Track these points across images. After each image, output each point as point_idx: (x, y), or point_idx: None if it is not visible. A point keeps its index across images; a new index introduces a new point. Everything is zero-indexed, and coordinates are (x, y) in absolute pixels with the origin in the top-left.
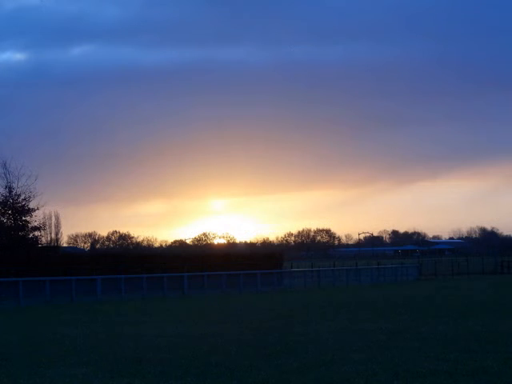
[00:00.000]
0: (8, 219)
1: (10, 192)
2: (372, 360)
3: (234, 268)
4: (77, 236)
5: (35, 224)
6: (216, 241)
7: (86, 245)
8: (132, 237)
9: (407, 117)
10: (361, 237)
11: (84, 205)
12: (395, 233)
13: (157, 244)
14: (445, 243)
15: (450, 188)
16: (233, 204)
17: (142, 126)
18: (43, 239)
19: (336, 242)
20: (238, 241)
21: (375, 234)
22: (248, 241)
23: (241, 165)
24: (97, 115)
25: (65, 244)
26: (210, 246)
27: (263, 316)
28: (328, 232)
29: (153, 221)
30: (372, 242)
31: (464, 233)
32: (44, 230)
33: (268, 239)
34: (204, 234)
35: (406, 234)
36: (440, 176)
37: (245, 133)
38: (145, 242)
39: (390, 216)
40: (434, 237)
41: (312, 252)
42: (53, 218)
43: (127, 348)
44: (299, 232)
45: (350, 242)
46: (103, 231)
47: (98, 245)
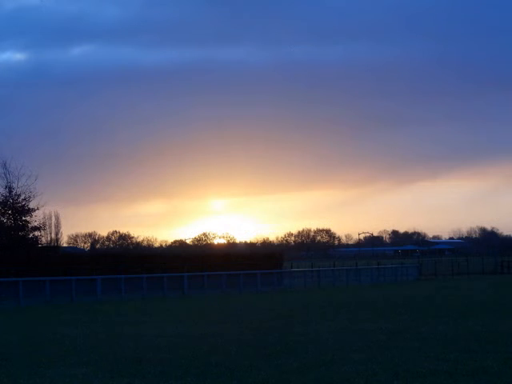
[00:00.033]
0: (8, 219)
1: (10, 192)
2: (372, 360)
3: (234, 268)
4: (77, 236)
5: (35, 224)
6: (216, 241)
7: (86, 245)
8: (132, 237)
9: (407, 117)
10: (361, 237)
11: (84, 205)
12: (395, 233)
13: (157, 244)
14: (445, 243)
15: (450, 188)
16: (233, 204)
17: (142, 126)
18: (43, 239)
19: (336, 242)
20: (238, 241)
21: (375, 234)
22: (248, 241)
23: (241, 165)
24: (97, 115)
25: (65, 244)
26: (210, 246)
27: (263, 316)
28: (328, 232)
29: (153, 221)
30: (372, 242)
31: (464, 233)
32: (44, 230)
33: (268, 239)
34: (204, 234)
35: (406, 234)
36: (440, 176)
37: (245, 133)
38: (145, 242)
39: (390, 216)
40: (434, 237)
41: (312, 252)
42: (53, 218)
43: (127, 348)
44: (299, 232)
45: (350, 242)
46: (103, 231)
47: (98, 245)
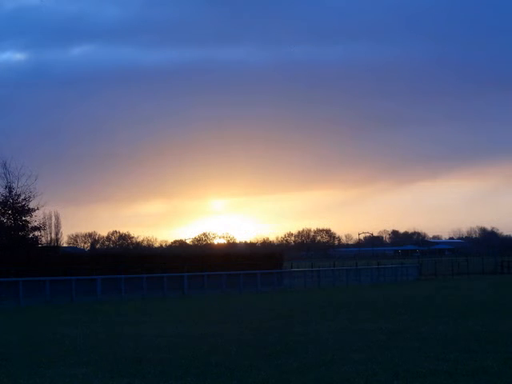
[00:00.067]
0: (8, 219)
1: (10, 192)
2: (372, 360)
3: (234, 268)
4: (77, 236)
5: (35, 224)
6: (216, 241)
7: (86, 245)
8: (132, 237)
9: (407, 117)
10: (361, 237)
11: (84, 205)
12: (395, 233)
13: (157, 244)
14: (445, 243)
15: (450, 188)
16: (233, 204)
17: (142, 126)
18: (43, 239)
19: (336, 242)
20: (238, 241)
21: (375, 234)
22: (248, 241)
23: (241, 165)
24: (97, 115)
25: (65, 244)
26: (210, 246)
27: (263, 316)
28: (328, 232)
29: (153, 221)
30: (372, 242)
31: (464, 233)
32: (44, 230)
33: (268, 239)
34: (204, 234)
35: (406, 234)
36: (440, 176)
37: (245, 133)
38: (145, 242)
39: (390, 216)
40: (434, 237)
41: (312, 252)
42: (53, 218)
43: (127, 348)
44: (299, 232)
45: (350, 242)
46: (103, 231)
47: (98, 245)
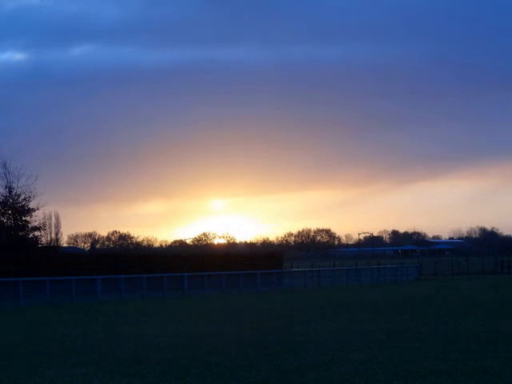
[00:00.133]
0: (8, 219)
1: (10, 192)
2: (372, 360)
3: (234, 268)
4: (77, 236)
5: (35, 224)
6: (216, 241)
7: (86, 245)
8: (132, 237)
9: (407, 117)
10: (361, 237)
11: (84, 205)
12: (395, 233)
13: (157, 244)
14: (445, 243)
15: (450, 188)
16: (233, 204)
17: (142, 126)
18: (43, 239)
19: (336, 242)
20: (238, 241)
21: (375, 234)
22: (248, 241)
23: (241, 165)
24: (97, 115)
25: (65, 244)
26: (210, 246)
27: (263, 316)
28: (328, 232)
29: (153, 221)
30: (372, 242)
31: (464, 233)
32: (44, 230)
33: (268, 239)
34: (204, 234)
35: (406, 234)
36: (440, 176)
37: (245, 133)
38: (145, 242)
39: (390, 216)
40: (434, 237)
41: (312, 252)
42: (53, 218)
43: (127, 348)
44: (299, 232)
45: (350, 242)
46: (103, 231)
47: (98, 245)
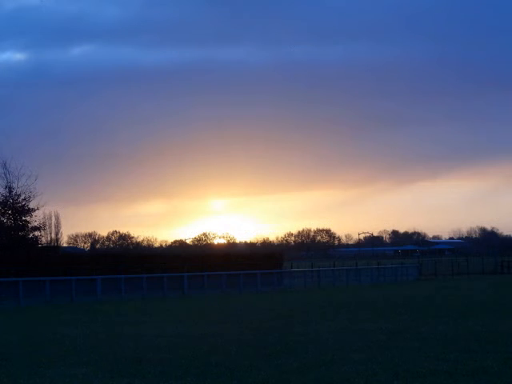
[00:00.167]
0: (8, 219)
1: (10, 192)
2: (372, 360)
3: (234, 268)
4: (77, 236)
5: (35, 224)
6: (216, 241)
7: (86, 245)
8: (132, 237)
9: (407, 117)
10: (361, 237)
11: (84, 205)
12: (395, 233)
13: (157, 244)
14: (445, 243)
15: (450, 188)
16: (233, 204)
17: (142, 126)
18: (43, 239)
19: (336, 242)
20: (238, 241)
21: (375, 234)
22: (248, 241)
23: (241, 165)
24: (97, 115)
25: (65, 244)
26: (210, 246)
27: (263, 316)
28: (328, 232)
29: (153, 221)
30: (372, 242)
31: (464, 233)
32: (44, 230)
33: (268, 239)
34: (204, 234)
35: (406, 234)
36: (440, 176)
37: (245, 133)
38: (145, 242)
39: (390, 216)
40: (434, 237)
41: (312, 252)
42: (53, 218)
43: (127, 348)
44: (299, 232)
45: (350, 242)
46: (103, 231)
47: (98, 245)
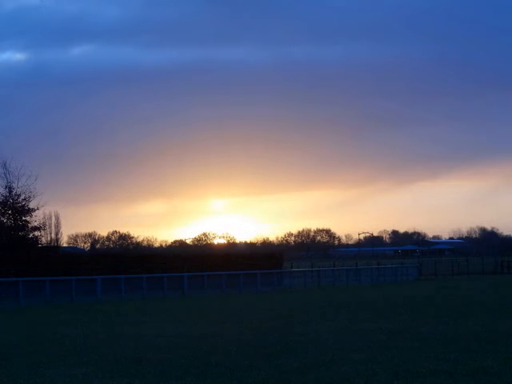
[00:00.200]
0: (8, 219)
1: (10, 192)
2: (372, 360)
3: (234, 268)
4: (77, 236)
5: (35, 224)
6: (216, 241)
7: (86, 245)
8: (132, 237)
9: (407, 117)
10: (361, 237)
11: (84, 205)
12: (395, 233)
13: (157, 244)
14: (445, 243)
15: (450, 188)
16: (233, 204)
17: (142, 126)
18: (43, 239)
19: (336, 242)
20: (238, 241)
21: (375, 234)
22: (248, 241)
23: (241, 165)
24: (97, 115)
25: (65, 244)
26: (210, 246)
27: (263, 316)
28: (328, 232)
29: (153, 221)
30: (372, 242)
31: (464, 233)
32: (44, 230)
33: (268, 239)
34: (204, 234)
35: (406, 234)
36: (440, 176)
37: (245, 133)
38: (145, 242)
39: (390, 216)
40: (434, 237)
41: (312, 252)
42: (53, 218)
43: (127, 348)
44: (299, 232)
45: (350, 242)
46: (103, 231)
47: (98, 245)
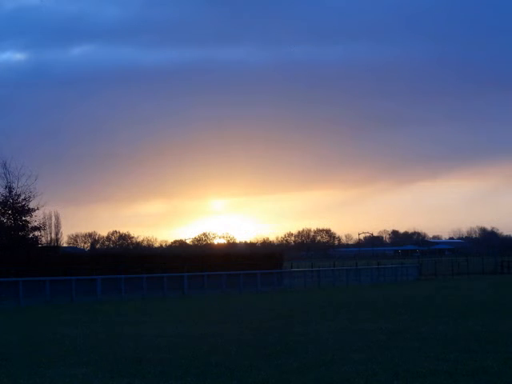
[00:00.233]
0: (8, 219)
1: (10, 192)
2: (372, 360)
3: (234, 268)
4: (77, 236)
5: (35, 224)
6: (216, 241)
7: (86, 245)
8: (132, 237)
9: (407, 117)
10: (361, 237)
11: (84, 205)
12: (395, 233)
13: (157, 244)
14: (445, 243)
15: (450, 188)
16: (233, 204)
17: (142, 126)
18: (43, 239)
19: (336, 242)
20: (238, 241)
21: (375, 234)
22: (248, 241)
23: (241, 165)
24: (97, 115)
25: (65, 244)
26: (210, 246)
27: (263, 316)
28: (328, 232)
29: (153, 221)
30: (372, 242)
31: (464, 233)
32: (44, 230)
33: (268, 239)
34: (204, 234)
35: (406, 234)
36: (440, 176)
37: (245, 133)
38: (145, 242)
39: (390, 216)
40: (434, 237)
41: (312, 252)
42: (53, 218)
43: (127, 348)
44: (299, 232)
45: (350, 242)
46: (103, 231)
47: (98, 245)
